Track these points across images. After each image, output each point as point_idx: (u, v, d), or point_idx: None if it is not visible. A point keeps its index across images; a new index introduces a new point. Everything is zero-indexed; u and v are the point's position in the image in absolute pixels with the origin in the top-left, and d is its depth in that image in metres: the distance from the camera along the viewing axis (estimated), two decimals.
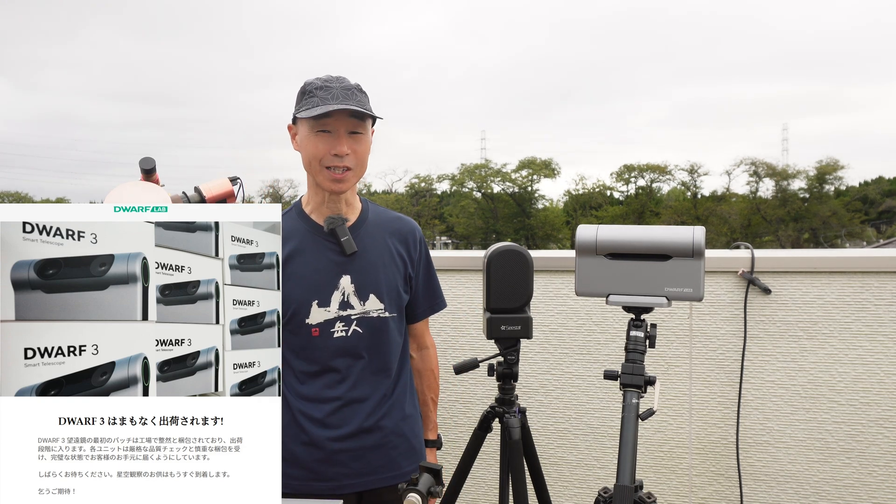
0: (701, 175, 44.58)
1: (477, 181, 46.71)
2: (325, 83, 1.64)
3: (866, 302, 2.26)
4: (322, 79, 1.66)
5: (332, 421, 1.68)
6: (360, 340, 1.69)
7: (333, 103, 1.59)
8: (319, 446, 1.67)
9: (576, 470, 2.42)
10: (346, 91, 1.62)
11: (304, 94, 1.66)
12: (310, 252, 1.68)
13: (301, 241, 1.69)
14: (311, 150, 1.64)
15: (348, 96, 1.62)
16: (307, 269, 1.67)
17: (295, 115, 1.68)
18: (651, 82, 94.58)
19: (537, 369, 2.42)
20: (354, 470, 1.69)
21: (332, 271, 1.68)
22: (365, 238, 1.73)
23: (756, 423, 2.33)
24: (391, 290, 1.73)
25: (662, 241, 1.60)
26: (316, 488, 1.67)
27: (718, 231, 38.09)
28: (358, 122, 1.64)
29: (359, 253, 1.69)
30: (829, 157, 46.88)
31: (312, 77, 1.69)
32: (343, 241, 1.66)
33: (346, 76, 1.68)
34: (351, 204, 1.75)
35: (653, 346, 1.61)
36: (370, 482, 1.71)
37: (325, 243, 1.69)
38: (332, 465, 1.68)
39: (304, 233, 1.70)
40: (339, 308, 1.68)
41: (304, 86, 1.67)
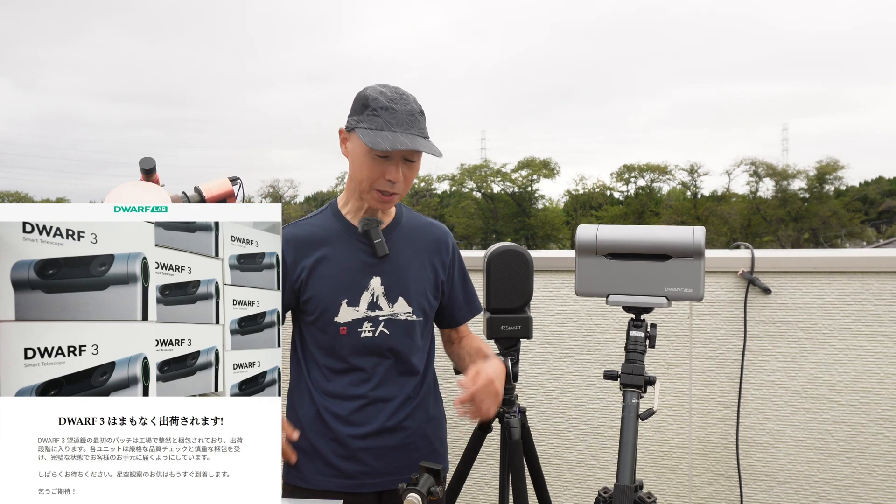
0: (701, 175, 44.62)
1: (477, 181, 46.72)
2: (391, 103, 1.58)
3: (866, 302, 2.26)
4: (387, 95, 1.59)
5: (356, 419, 1.69)
6: (387, 341, 1.70)
7: (398, 131, 1.55)
8: (342, 443, 1.68)
9: (576, 470, 2.42)
10: (410, 117, 1.58)
11: (366, 108, 1.59)
12: (342, 252, 1.69)
13: (334, 240, 1.69)
14: (367, 172, 1.60)
15: (412, 123, 1.58)
16: (338, 269, 1.68)
17: (353, 126, 1.61)
18: (651, 82, 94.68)
19: (537, 369, 2.42)
20: (375, 469, 1.70)
21: (364, 272, 1.68)
22: (397, 241, 1.73)
23: (756, 423, 2.33)
24: (419, 294, 1.73)
25: (662, 241, 1.60)
26: (335, 484, 1.68)
27: (718, 231, 38.09)
28: (416, 151, 1.61)
29: (390, 256, 1.69)
30: (829, 157, 46.96)
31: (372, 85, 1.63)
32: (376, 244, 1.66)
33: (410, 95, 1.63)
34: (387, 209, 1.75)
35: (653, 346, 1.61)
36: (390, 482, 1.71)
37: (358, 244, 1.70)
38: (354, 463, 1.69)
39: (338, 232, 1.70)
40: (368, 308, 1.68)
41: (367, 99, 1.60)
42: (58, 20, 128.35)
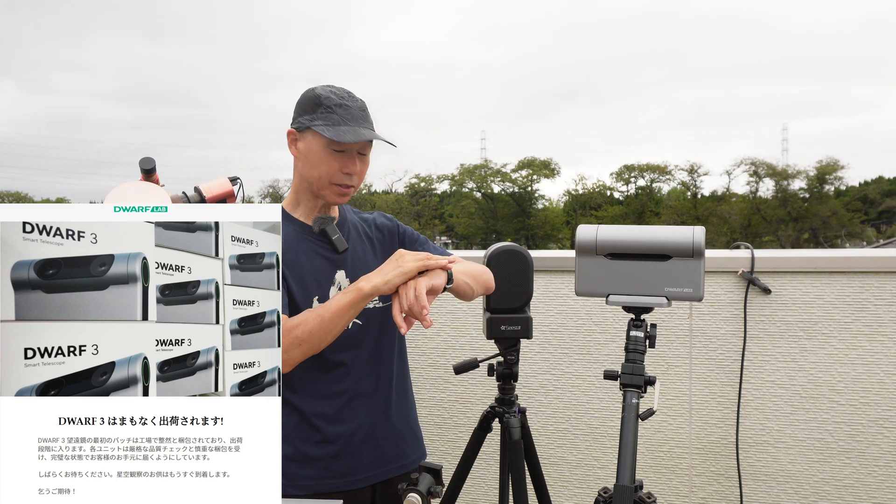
0: (701, 175, 44.63)
1: (477, 181, 46.72)
2: (343, 101, 1.64)
3: (866, 302, 2.26)
4: (337, 94, 1.66)
5: (343, 415, 1.70)
6: (360, 332, 1.72)
7: (354, 125, 1.63)
8: (333, 441, 1.69)
9: (576, 470, 2.42)
10: (362, 112, 1.67)
11: (319, 107, 1.64)
12: (303, 253, 1.70)
13: (292, 244, 1.71)
14: (325, 167, 1.65)
15: (364, 118, 1.66)
16: (303, 270, 1.69)
17: (306, 125, 1.65)
18: (651, 83, 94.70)
19: (537, 369, 2.42)
20: (368, 462, 1.71)
21: (328, 268, 1.71)
22: (350, 235, 1.78)
23: (756, 423, 2.33)
24: None
25: (662, 241, 1.60)
26: (329, 485, 1.67)
27: (718, 231, 38.10)
28: (368, 144, 1.69)
29: (349, 249, 1.74)
30: (829, 157, 46.89)
31: (319, 86, 1.69)
32: (335, 239, 1.69)
33: (353, 89, 1.70)
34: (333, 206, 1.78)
35: (653, 346, 1.61)
36: (383, 473, 1.73)
37: (317, 243, 1.72)
38: (347, 460, 1.69)
39: (293, 235, 1.71)
40: None
41: (318, 98, 1.65)
42: (62, 22, 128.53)
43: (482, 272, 1.80)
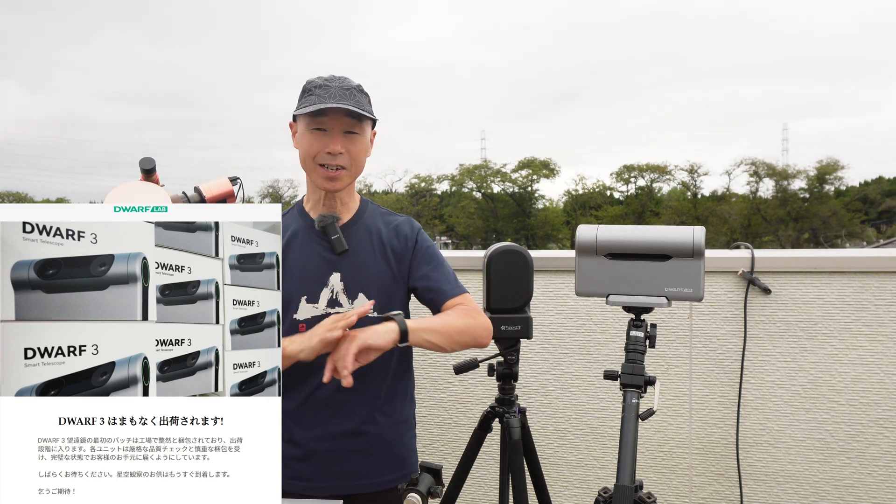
0: (701, 175, 44.64)
1: (477, 181, 46.72)
2: (326, 82, 1.66)
3: (866, 302, 2.26)
4: (323, 78, 1.68)
5: (314, 421, 1.66)
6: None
7: (330, 102, 1.61)
8: (298, 444, 1.66)
9: (576, 470, 2.42)
10: (344, 90, 1.64)
11: (304, 92, 1.68)
12: (301, 248, 1.69)
13: (296, 237, 1.70)
14: (306, 147, 1.66)
15: (346, 96, 1.63)
16: (297, 265, 1.67)
17: (294, 113, 1.70)
18: (651, 83, 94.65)
19: (537, 369, 2.42)
20: (330, 472, 1.67)
21: (323, 268, 1.68)
22: (357, 237, 1.72)
23: (756, 423, 2.33)
24: (381, 290, 1.70)
25: (662, 241, 1.60)
26: (290, 486, 1.62)
27: (718, 231, 38.09)
28: (354, 121, 1.65)
29: (350, 252, 1.68)
30: (829, 157, 46.89)
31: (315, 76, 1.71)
32: (333, 240, 1.66)
33: (349, 77, 1.70)
34: (346, 203, 1.74)
35: (653, 346, 1.61)
36: (346, 487, 1.68)
37: (318, 240, 1.69)
38: (310, 465, 1.66)
39: (299, 229, 1.71)
40: (328, 305, 1.67)
41: (305, 84, 1.69)
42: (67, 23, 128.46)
43: (468, 328, 1.66)
